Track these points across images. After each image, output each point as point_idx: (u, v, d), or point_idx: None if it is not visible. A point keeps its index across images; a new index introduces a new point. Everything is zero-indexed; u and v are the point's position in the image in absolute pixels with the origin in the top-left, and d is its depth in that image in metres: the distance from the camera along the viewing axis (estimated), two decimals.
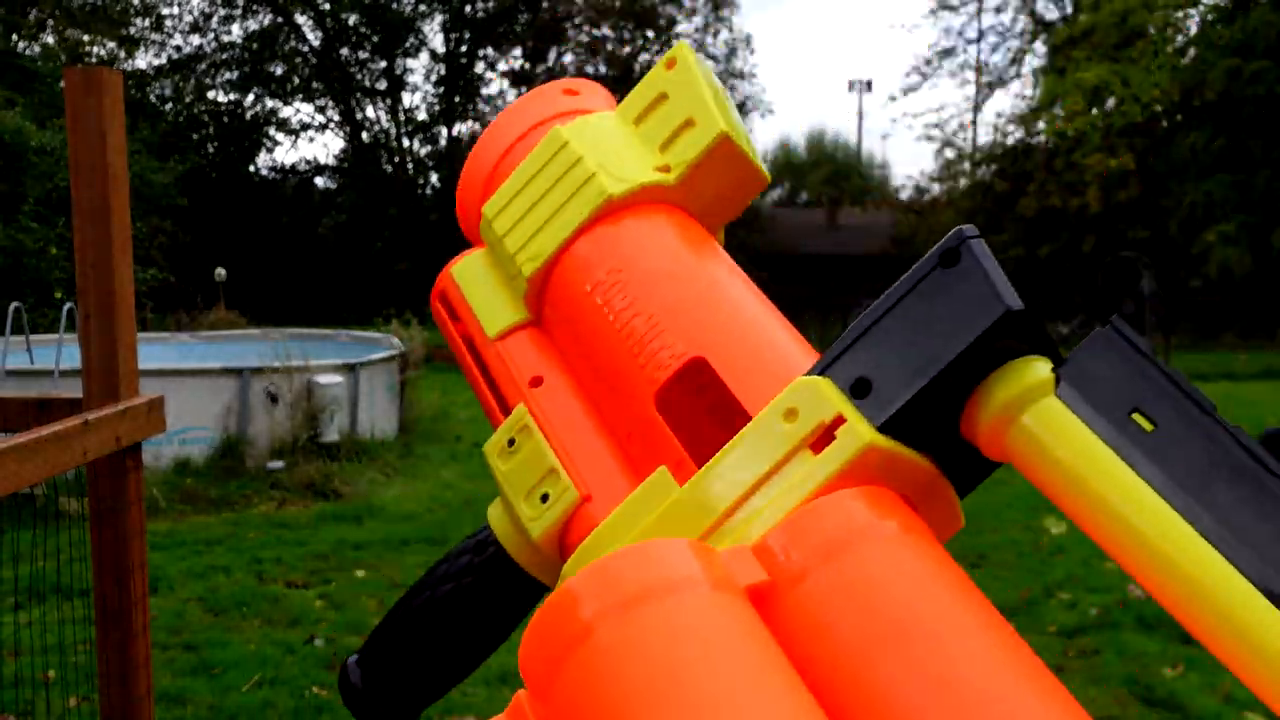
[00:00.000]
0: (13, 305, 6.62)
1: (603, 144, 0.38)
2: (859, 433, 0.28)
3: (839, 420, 0.28)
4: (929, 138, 25.27)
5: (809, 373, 0.30)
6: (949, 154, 25.02)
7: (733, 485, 0.29)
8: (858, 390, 0.29)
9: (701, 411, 0.33)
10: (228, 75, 26.24)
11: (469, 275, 0.44)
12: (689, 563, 0.26)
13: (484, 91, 27.49)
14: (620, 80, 26.74)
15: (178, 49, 26.30)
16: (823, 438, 0.29)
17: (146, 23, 25.29)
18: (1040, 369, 0.27)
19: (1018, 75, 24.28)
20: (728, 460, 0.30)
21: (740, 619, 0.25)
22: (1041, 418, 0.26)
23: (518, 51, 27.18)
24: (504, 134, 0.43)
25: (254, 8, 25.98)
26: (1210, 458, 0.22)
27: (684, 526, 0.30)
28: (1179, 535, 0.23)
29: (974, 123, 26.24)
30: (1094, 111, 19.65)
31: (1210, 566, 0.22)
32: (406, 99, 29.90)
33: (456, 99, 26.75)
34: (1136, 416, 0.24)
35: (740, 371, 0.32)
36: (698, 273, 0.36)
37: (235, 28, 29.35)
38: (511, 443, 0.37)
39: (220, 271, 15.94)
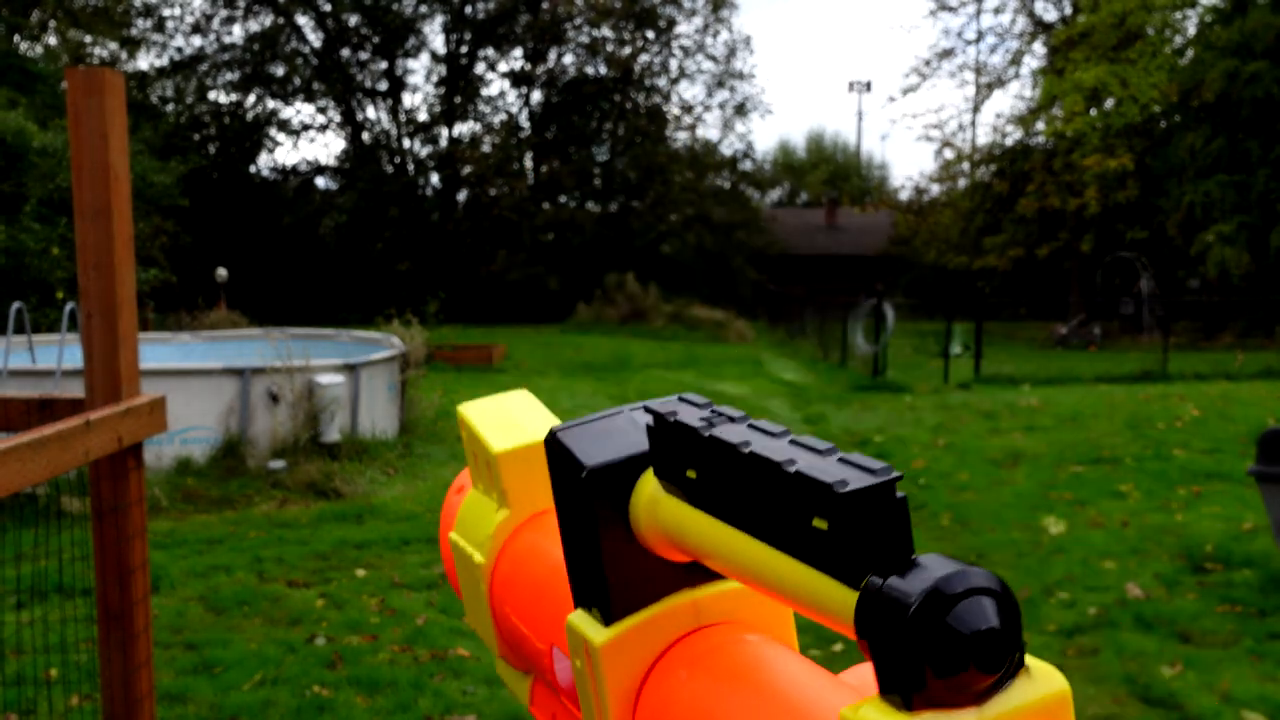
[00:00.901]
0: (15, 305, 6.64)
1: (469, 524, 0.47)
2: (594, 644, 0.33)
3: (585, 643, 0.34)
4: (928, 138, 25.25)
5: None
6: (948, 154, 25.02)
7: None
8: (588, 602, 0.34)
9: None
10: (229, 76, 26.28)
11: (500, 671, 0.52)
12: None
13: (484, 92, 27.52)
14: (620, 80, 26.75)
15: (179, 50, 26.33)
16: (590, 658, 0.34)
17: (148, 24, 25.31)
18: (646, 483, 0.33)
19: (1017, 76, 24.28)
20: (582, 714, 0.36)
21: None
22: (663, 511, 0.32)
23: (518, 52, 27.21)
24: (446, 558, 0.53)
25: (255, 9, 26.00)
26: (729, 485, 0.29)
27: None
28: (742, 546, 0.29)
29: (973, 123, 26.24)
30: (1093, 112, 19.65)
31: (755, 551, 0.28)
32: (407, 99, 29.98)
33: (457, 99, 26.76)
34: (689, 473, 0.31)
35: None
36: (540, 572, 0.42)
37: (236, 29, 29.44)
38: None
39: (221, 272, 15.96)
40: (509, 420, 0.46)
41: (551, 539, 0.43)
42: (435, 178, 26.97)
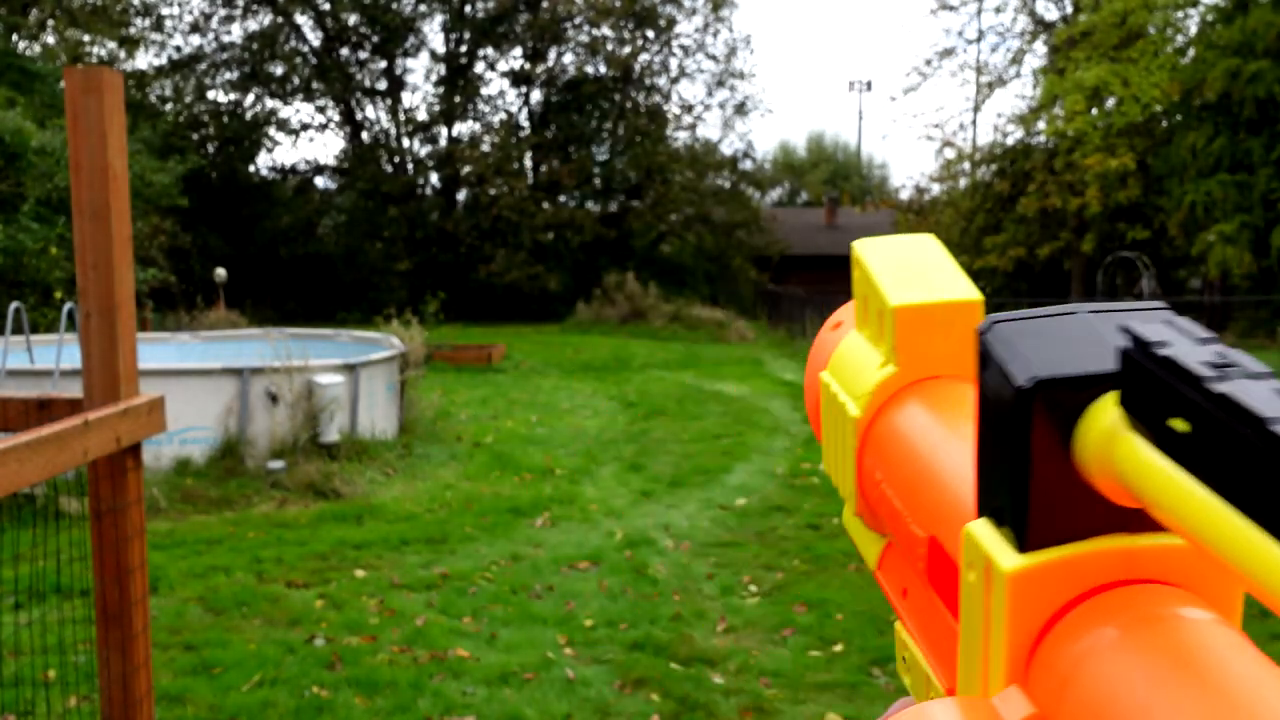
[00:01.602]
0: (13, 305, 6.62)
1: (847, 369, 0.43)
2: (1000, 568, 0.29)
3: (988, 562, 0.29)
4: (929, 138, 25.24)
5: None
6: (949, 154, 25.01)
7: (974, 651, 0.31)
8: (999, 517, 0.30)
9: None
10: (228, 75, 26.26)
11: (849, 524, 0.48)
12: (946, 714, 0.28)
13: (484, 92, 27.52)
14: (620, 80, 26.74)
15: (178, 49, 26.33)
16: (991, 581, 0.29)
17: (147, 23, 25.30)
18: (1105, 412, 0.28)
19: (1018, 75, 24.28)
20: (962, 629, 0.32)
21: None
22: (1122, 451, 0.27)
23: (517, 51, 27.20)
24: (812, 390, 0.48)
25: (254, 8, 25.98)
26: (1238, 462, 0.23)
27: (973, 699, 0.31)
28: (1240, 540, 0.24)
29: (974, 123, 26.24)
30: (1094, 112, 19.64)
31: (1252, 541, 0.23)
32: (406, 99, 29.93)
33: (457, 99, 26.75)
34: (1176, 423, 0.25)
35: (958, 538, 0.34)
36: (926, 448, 0.38)
37: (235, 28, 29.40)
38: (904, 659, 0.42)
39: (220, 272, 15.96)
40: (911, 269, 0.41)
41: (944, 412, 0.38)
42: (435, 177, 26.97)
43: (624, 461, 7.70)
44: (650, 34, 26.77)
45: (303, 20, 26.40)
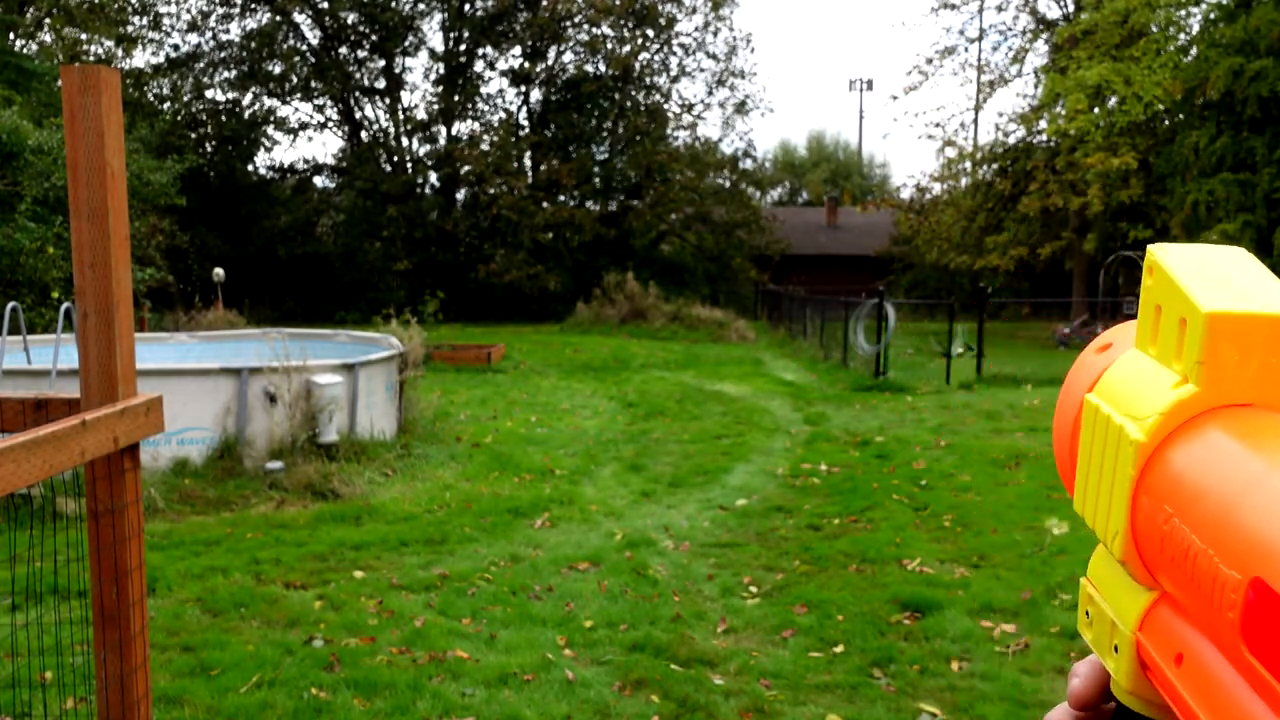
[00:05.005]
0: (10, 305, 6.60)
1: (1124, 390, 0.38)
2: None
3: None
4: (930, 137, 25.22)
5: None
6: (950, 153, 24.98)
7: None
8: None
9: None
10: (226, 74, 26.25)
11: (1099, 576, 0.41)
12: None
13: (483, 91, 27.50)
14: (620, 79, 26.72)
15: (176, 47, 26.31)
16: None
17: (144, 21, 25.27)
18: None
19: (1019, 74, 24.27)
20: None
21: None
22: None
23: (517, 50, 27.18)
24: (1065, 418, 0.43)
25: (252, 6, 25.95)
26: None
27: None
28: None
29: (975, 122, 26.20)
30: (1096, 110, 19.62)
31: None
32: (405, 98, 29.92)
33: (456, 98, 26.73)
34: None
35: None
36: (1238, 475, 0.33)
37: (233, 26, 29.43)
38: (1088, 613, 0.38)
39: (219, 272, 15.95)
40: (1224, 276, 0.36)
41: (1267, 442, 0.33)
42: (434, 176, 26.95)
43: (624, 462, 7.68)
44: (650, 33, 26.75)
45: (301, 19, 26.37)
